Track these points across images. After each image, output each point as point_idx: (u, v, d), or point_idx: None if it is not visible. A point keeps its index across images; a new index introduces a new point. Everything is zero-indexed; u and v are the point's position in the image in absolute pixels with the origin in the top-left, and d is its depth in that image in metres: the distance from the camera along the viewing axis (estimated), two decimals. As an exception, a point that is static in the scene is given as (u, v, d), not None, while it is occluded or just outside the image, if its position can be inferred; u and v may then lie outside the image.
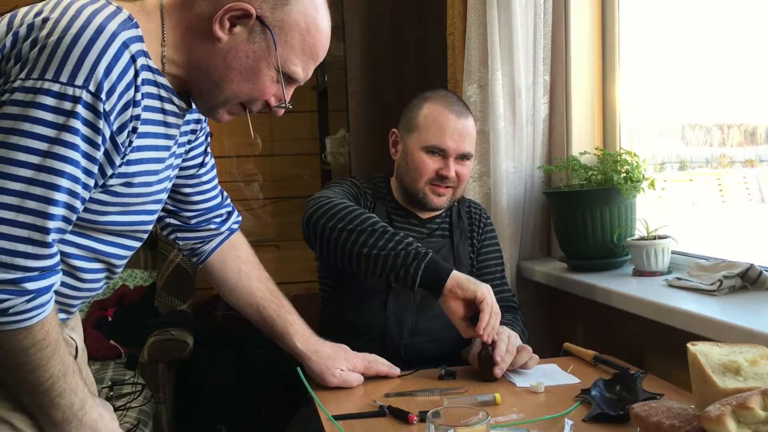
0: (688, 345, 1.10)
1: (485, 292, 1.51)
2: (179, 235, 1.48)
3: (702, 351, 1.08)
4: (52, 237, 1.00)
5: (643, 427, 1.05)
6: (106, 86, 0.99)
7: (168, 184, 1.27)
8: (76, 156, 0.99)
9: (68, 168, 0.99)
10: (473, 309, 1.53)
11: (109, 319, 2.89)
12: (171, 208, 1.43)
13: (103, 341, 2.80)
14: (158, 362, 2.61)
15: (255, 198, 3.65)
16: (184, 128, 1.26)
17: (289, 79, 1.19)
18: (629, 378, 1.39)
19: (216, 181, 1.48)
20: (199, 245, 1.51)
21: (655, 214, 1.98)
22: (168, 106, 1.16)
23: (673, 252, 1.84)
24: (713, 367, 1.05)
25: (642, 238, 1.84)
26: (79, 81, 0.97)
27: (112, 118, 1.02)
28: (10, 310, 0.98)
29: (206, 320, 3.21)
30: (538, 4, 2.10)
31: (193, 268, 3.03)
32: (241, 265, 1.55)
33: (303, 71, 1.19)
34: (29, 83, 0.96)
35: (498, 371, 1.52)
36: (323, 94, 3.48)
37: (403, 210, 1.86)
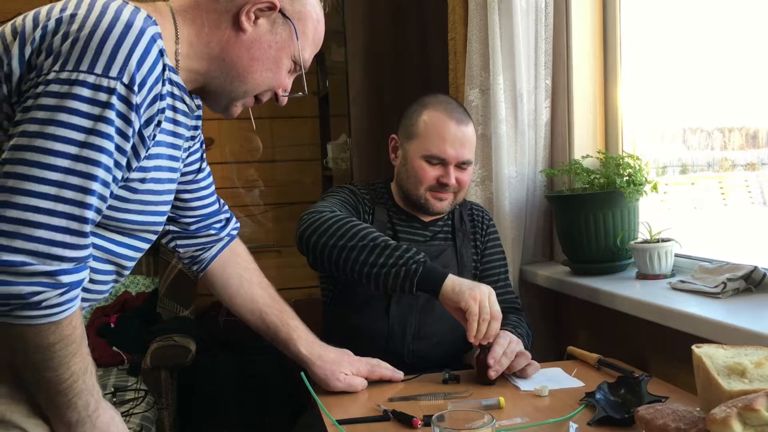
0: (693, 347, 1.10)
1: (469, 301, 1.47)
2: (179, 242, 1.48)
3: (707, 353, 1.08)
4: (89, 227, 1.01)
5: (648, 429, 1.05)
6: (138, 79, 1.00)
7: (175, 186, 1.28)
8: (110, 147, 1.00)
9: (103, 158, 1.00)
10: None
11: (112, 325, 2.89)
12: (170, 214, 1.43)
13: (106, 348, 2.80)
14: (161, 368, 2.61)
15: (256, 204, 3.66)
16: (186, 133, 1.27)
17: (298, 68, 1.25)
18: (634, 381, 1.38)
19: (213, 188, 1.48)
20: (200, 253, 1.50)
21: (657, 217, 1.97)
22: (179, 105, 1.17)
23: (676, 255, 1.83)
24: (718, 369, 1.05)
25: (645, 242, 1.84)
26: (114, 72, 0.98)
27: (141, 111, 1.03)
28: (43, 303, 0.98)
29: (208, 326, 3.21)
30: (540, 8, 2.10)
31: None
32: (241, 272, 1.55)
33: (310, 59, 1.26)
34: (64, 75, 0.97)
35: (492, 374, 1.52)
36: (324, 100, 3.49)
37: (404, 214, 1.86)
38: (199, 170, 1.42)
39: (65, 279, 0.98)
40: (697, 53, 2.33)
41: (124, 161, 1.04)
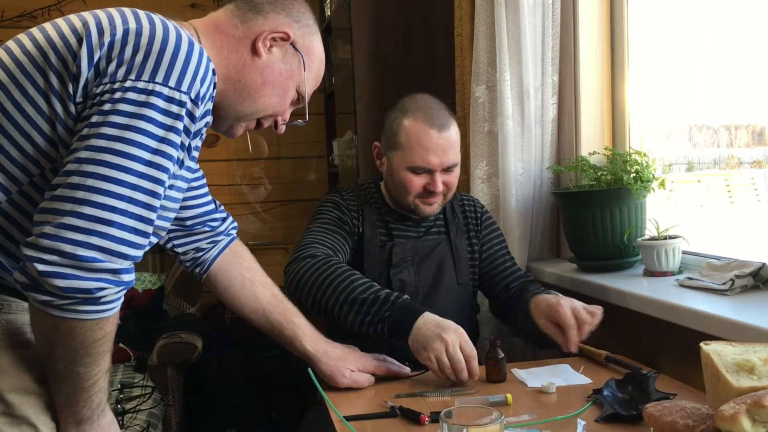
0: (701, 344, 1.09)
1: (426, 362, 1.49)
2: (176, 242, 1.49)
3: (715, 350, 1.08)
4: (152, 228, 1.04)
5: (656, 426, 1.05)
6: (201, 94, 1.08)
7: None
8: (175, 155, 1.06)
9: (170, 165, 1.05)
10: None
11: (118, 322, 2.89)
12: None
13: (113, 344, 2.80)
14: (167, 365, 2.62)
15: (262, 201, 3.66)
16: None
17: (300, 100, 1.34)
18: (642, 378, 1.38)
19: (207, 188, 1.50)
20: (200, 254, 1.51)
21: (664, 215, 1.97)
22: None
23: (683, 252, 1.83)
24: (727, 366, 1.04)
25: (653, 239, 1.84)
26: (184, 87, 1.05)
27: (196, 123, 1.09)
28: (102, 299, 1.00)
29: (215, 323, 3.22)
30: (547, 4, 2.09)
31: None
32: (243, 272, 1.56)
33: (310, 93, 1.36)
34: (141, 84, 1.02)
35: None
36: (330, 97, 3.49)
37: (396, 213, 1.87)
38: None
39: (126, 277, 1.02)
40: (704, 50, 2.32)
41: (177, 169, 1.10)
